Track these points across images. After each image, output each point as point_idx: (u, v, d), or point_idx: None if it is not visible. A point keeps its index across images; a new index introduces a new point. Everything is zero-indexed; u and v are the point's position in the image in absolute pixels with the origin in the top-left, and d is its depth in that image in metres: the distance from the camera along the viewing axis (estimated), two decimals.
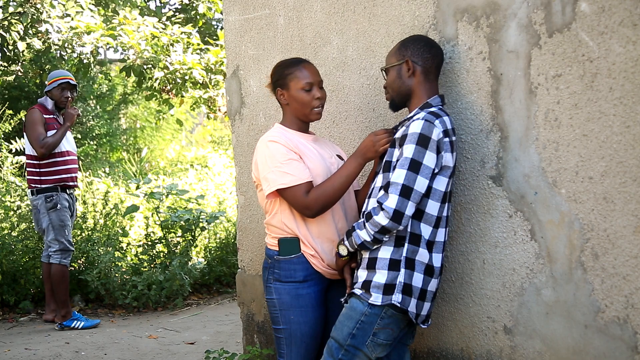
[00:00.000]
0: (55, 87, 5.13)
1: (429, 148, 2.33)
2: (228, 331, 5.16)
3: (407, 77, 2.50)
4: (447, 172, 2.41)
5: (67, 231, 5.15)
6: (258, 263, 3.68)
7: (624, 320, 2.21)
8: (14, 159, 7.36)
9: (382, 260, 2.39)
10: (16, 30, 7.86)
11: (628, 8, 2.14)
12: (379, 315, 2.39)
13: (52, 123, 5.09)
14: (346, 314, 2.46)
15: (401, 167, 2.33)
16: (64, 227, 5.12)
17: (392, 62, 2.54)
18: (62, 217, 5.11)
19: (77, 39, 7.98)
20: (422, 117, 2.37)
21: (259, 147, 2.64)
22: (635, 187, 2.16)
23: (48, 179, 5.10)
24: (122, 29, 7.87)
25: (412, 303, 2.38)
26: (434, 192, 2.38)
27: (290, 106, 2.67)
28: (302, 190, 2.52)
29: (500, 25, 2.46)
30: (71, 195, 5.26)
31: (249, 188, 3.70)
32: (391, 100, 2.59)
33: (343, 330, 2.44)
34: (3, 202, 6.30)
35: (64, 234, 5.12)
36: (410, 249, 2.38)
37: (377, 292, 2.38)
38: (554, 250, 2.37)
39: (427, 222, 2.39)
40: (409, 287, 2.37)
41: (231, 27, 3.70)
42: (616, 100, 2.18)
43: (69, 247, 5.19)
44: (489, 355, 2.59)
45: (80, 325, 5.21)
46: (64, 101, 5.15)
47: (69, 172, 5.17)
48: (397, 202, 2.30)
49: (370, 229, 2.36)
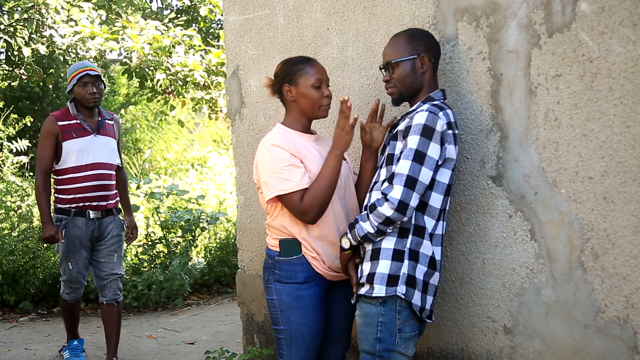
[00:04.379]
0: (76, 84, 4.06)
1: (433, 139, 2.33)
2: (228, 331, 5.16)
3: (420, 72, 2.48)
4: (450, 165, 2.40)
5: (72, 264, 4.10)
6: (258, 263, 3.68)
7: (624, 320, 2.21)
8: (15, 159, 7.36)
9: (385, 250, 2.38)
10: (21, 36, 7.88)
11: (628, 8, 2.13)
12: (395, 310, 2.36)
13: (69, 131, 4.03)
14: (363, 322, 2.42)
15: (405, 158, 2.32)
16: (67, 259, 4.09)
17: (402, 55, 2.48)
18: (68, 246, 4.06)
19: (81, 44, 8.01)
20: (426, 109, 2.36)
21: (260, 150, 2.63)
22: (635, 187, 2.16)
23: (61, 197, 4.09)
24: (125, 33, 7.89)
25: (416, 295, 2.36)
26: (437, 185, 2.38)
27: (298, 103, 2.65)
28: (299, 197, 2.51)
29: (500, 25, 2.46)
30: (95, 220, 4.10)
31: (249, 188, 3.70)
32: (399, 94, 2.52)
33: (368, 339, 2.39)
34: (3, 202, 6.30)
35: (66, 266, 4.12)
36: (414, 240, 2.37)
37: (380, 283, 2.36)
38: (554, 250, 2.37)
39: (430, 214, 2.38)
40: (412, 278, 2.36)
41: (231, 27, 3.70)
42: (616, 100, 2.18)
43: (74, 280, 4.16)
44: (489, 355, 2.58)
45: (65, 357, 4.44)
46: (90, 98, 4.05)
47: (88, 191, 4.04)
48: (402, 193, 2.29)
49: (374, 220, 2.34)
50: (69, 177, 4.03)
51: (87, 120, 4.10)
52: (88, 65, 4.11)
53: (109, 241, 4.14)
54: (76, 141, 4.03)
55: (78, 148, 4.02)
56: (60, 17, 7.88)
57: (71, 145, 4.02)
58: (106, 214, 4.13)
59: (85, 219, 4.06)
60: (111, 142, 4.16)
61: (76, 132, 4.04)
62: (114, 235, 4.16)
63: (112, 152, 4.15)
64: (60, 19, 7.88)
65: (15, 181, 6.82)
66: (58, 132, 4.02)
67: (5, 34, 7.86)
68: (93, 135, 4.08)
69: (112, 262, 4.15)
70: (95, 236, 4.11)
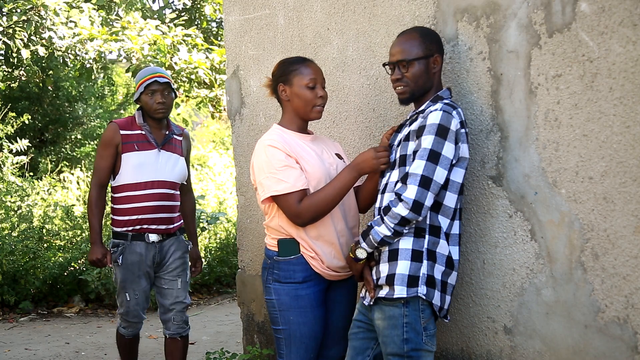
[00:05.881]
0: (143, 92, 3.50)
1: (448, 139, 2.31)
2: (228, 331, 5.16)
3: (433, 72, 2.48)
4: (464, 164, 2.39)
5: (130, 295, 3.52)
6: (258, 263, 3.68)
7: (624, 320, 2.21)
8: (15, 159, 7.37)
9: (404, 251, 2.36)
10: (20, 37, 7.89)
11: (628, 8, 2.13)
12: (418, 309, 2.34)
13: (131, 142, 3.48)
14: (388, 325, 2.38)
15: (420, 158, 2.30)
16: (124, 289, 3.52)
17: (418, 54, 2.44)
18: (124, 275, 3.51)
19: (80, 46, 8.01)
20: (440, 108, 2.34)
21: (257, 151, 2.62)
22: (635, 187, 2.16)
23: (115, 219, 3.54)
24: (125, 34, 7.89)
25: (436, 295, 2.35)
26: (452, 184, 2.36)
27: (292, 103, 2.65)
28: (295, 198, 2.50)
29: (500, 25, 2.46)
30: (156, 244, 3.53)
31: (249, 188, 3.70)
32: (410, 94, 2.48)
33: (395, 341, 2.36)
34: (3, 202, 6.30)
35: (123, 297, 3.54)
36: (431, 240, 2.36)
37: (401, 284, 2.33)
38: (554, 250, 2.37)
39: (444, 214, 2.37)
40: (432, 279, 2.35)
41: (231, 27, 3.71)
42: (616, 100, 2.18)
43: (131, 313, 3.58)
44: (489, 355, 2.58)
45: None
46: (158, 109, 3.48)
47: (146, 212, 3.48)
48: (416, 193, 2.27)
49: (389, 222, 2.32)
50: (124, 195, 3.49)
51: (154, 132, 3.54)
52: (157, 72, 3.55)
53: (171, 265, 3.56)
54: (136, 154, 3.47)
55: (137, 162, 3.47)
56: (60, 18, 7.89)
57: (130, 158, 3.47)
58: (167, 236, 3.56)
59: (145, 243, 3.49)
60: (176, 160, 3.58)
61: (138, 144, 3.49)
62: (176, 258, 3.58)
63: (176, 170, 3.57)
64: (59, 21, 7.89)
65: (15, 181, 6.83)
66: (118, 141, 3.46)
67: (4, 36, 7.87)
68: (157, 150, 3.50)
69: (175, 289, 3.57)
70: (156, 262, 3.54)
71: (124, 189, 3.47)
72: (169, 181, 3.51)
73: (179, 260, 3.58)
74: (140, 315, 3.59)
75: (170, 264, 3.55)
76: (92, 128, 11.11)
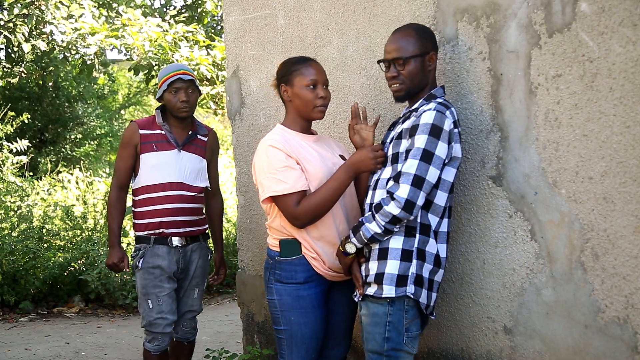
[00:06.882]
0: (166, 90, 3.35)
1: (441, 138, 2.32)
2: (228, 331, 5.16)
3: (428, 70, 2.48)
4: (456, 163, 2.40)
5: (153, 301, 3.32)
6: (258, 263, 3.68)
7: (624, 320, 2.21)
8: (15, 159, 7.37)
9: (393, 250, 2.36)
10: (21, 32, 7.89)
11: (628, 8, 2.13)
12: (403, 309, 2.36)
13: (149, 142, 3.34)
14: (370, 322, 2.40)
15: (413, 157, 2.31)
16: (145, 296, 3.33)
17: (414, 52, 2.43)
18: (146, 280, 3.33)
19: (81, 41, 8.00)
20: (434, 108, 2.34)
21: (259, 151, 2.62)
22: (635, 187, 2.16)
23: (138, 223, 3.39)
24: (126, 31, 7.88)
25: (423, 294, 2.36)
26: (443, 183, 2.37)
27: (293, 103, 2.65)
28: (294, 200, 2.50)
29: (500, 25, 2.46)
30: (179, 248, 3.37)
31: (249, 188, 3.70)
32: (406, 92, 2.48)
33: (376, 339, 2.38)
34: (3, 202, 6.31)
35: (145, 306, 3.34)
36: (421, 239, 2.36)
37: (390, 284, 2.34)
38: (554, 250, 2.37)
39: (434, 212, 2.38)
40: (420, 277, 2.35)
41: (231, 27, 3.71)
42: (616, 100, 2.18)
43: (155, 324, 3.34)
44: (489, 355, 2.58)
45: None
46: (182, 107, 3.33)
47: (165, 215, 3.33)
48: (409, 192, 2.28)
49: (380, 220, 2.33)
50: (143, 197, 3.35)
51: (174, 131, 3.39)
52: (181, 69, 3.39)
53: (193, 274, 3.45)
54: (154, 155, 3.34)
55: (155, 163, 3.33)
56: (60, 13, 7.89)
57: (148, 158, 3.34)
58: (191, 240, 3.42)
59: (168, 247, 3.33)
60: (198, 161, 3.42)
61: (157, 144, 3.35)
62: (199, 267, 3.47)
63: (196, 172, 3.41)
64: (60, 16, 7.89)
65: (15, 181, 6.83)
66: (137, 141, 3.34)
67: (5, 30, 7.87)
68: (176, 151, 3.36)
69: (191, 298, 3.49)
70: (180, 267, 3.38)
71: (143, 191, 3.35)
72: (186, 184, 3.36)
73: (200, 269, 3.48)
74: (163, 325, 3.33)
75: (192, 273, 3.44)
76: (92, 128, 11.12)
